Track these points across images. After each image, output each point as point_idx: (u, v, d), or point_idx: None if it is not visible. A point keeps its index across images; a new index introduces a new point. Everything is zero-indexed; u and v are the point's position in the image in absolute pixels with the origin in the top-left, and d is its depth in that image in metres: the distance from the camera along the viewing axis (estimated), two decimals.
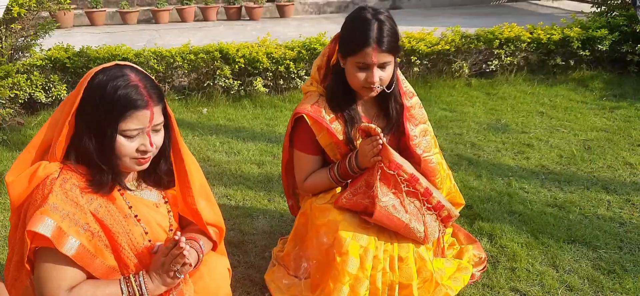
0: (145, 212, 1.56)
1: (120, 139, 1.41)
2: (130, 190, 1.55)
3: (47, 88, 4.15)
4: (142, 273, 1.49)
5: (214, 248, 1.76)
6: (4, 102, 3.77)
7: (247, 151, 3.52)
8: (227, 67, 4.33)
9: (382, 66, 1.79)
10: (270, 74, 4.45)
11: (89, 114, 1.40)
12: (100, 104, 1.38)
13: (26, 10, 3.89)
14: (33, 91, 4.06)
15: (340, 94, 1.93)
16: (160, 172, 1.60)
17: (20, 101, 4.01)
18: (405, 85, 2.02)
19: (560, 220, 2.59)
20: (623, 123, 3.90)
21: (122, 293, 1.45)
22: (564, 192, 2.89)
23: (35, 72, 4.08)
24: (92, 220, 1.42)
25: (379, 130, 1.77)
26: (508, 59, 4.83)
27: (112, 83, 1.38)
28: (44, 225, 1.33)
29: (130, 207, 1.52)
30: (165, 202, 1.65)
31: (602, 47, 4.80)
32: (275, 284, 2.12)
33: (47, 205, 1.35)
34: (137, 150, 1.44)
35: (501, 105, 4.34)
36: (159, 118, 1.46)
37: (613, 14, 5.20)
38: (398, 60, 1.94)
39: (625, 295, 2.08)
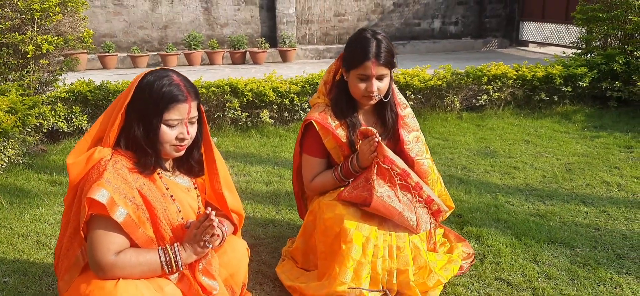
0: (179, 194, 1.85)
1: (163, 128, 1.71)
2: (168, 174, 1.84)
3: (69, 119, 4.48)
4: (177, 244, 1.75)
5: (234, 232, 2.04)
6: (29, 130, 4.08)
7: (256, 173, 3.82)
8: (236, 100, 4.69)
9: (379, 78, 2.13)
10: (276, 106, 4.80)
11: (139, 107, 1.70)
12: (149, 98, 1.69)
13: (54, 47, 4.27)
14: (56, 121, 4.38)
15: (343, 104, 2.25)
16: (193, 160, 1.89)
17: (44, 130, 4.33)
18: (400, 97, 2.35)
19: (541, 226, 2.86)
20: (602, 149, 4.22)
21: (160, 259, 1.72)
22: (545, 205, 3.18)
23: (59, 104, 4.42)
24: (137, 195, 1.70)
25: (375, 130, 2.08)
26: (496, 94, 5.21)
27: (159, 82, 1.70)
28: (100, 194, 1.61)
29: (167, 188, 1.81)
30: (195, 188, 1.94)
31: (582, 83, 5.19)
32: (285, 275, 2.37)
33: (102, 179, 1.64)
34: (177, 138, 1.74)
35: (490, 135, 4.67)
36: (195, 113, 1.77)
37: (593, 54, 5.62)
38: (393, 74, 2.27)
39: (598, 282, 2.33)
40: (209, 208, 1.71)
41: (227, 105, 4.71)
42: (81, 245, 1.75)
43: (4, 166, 3.68)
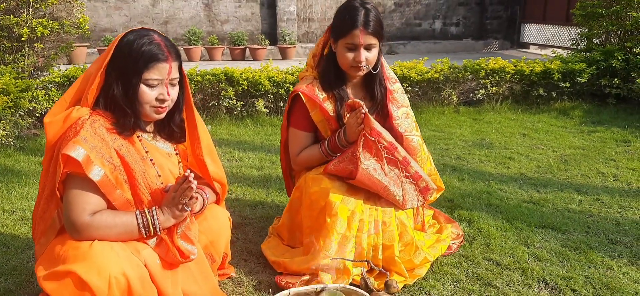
0: (159, 158, 1.81)
1: (142, 87, 1.68)
2: (148, 138, 1.81)
3: None
4: (155, 207, 1.72)
5: (217, 202, 2.00)
6: (22, 113, 4.06)
7: (248, 159, 3.79)
8: (231, 88, 4.66)
9: (368, 48, 2.10)
10: (271, 96, 4.78)
11: (118, 66, 1.67)
12: (128, 57, 1.66)
13: (49, 31, 4.26)
14: (50, 106, 4.36)
15: (331, 76, 2.22)
16: (174, 124, 1.86)
17: (37, 114, 4.31)
18: (389, 72, 2.32)
19: (533, 212, 2.82)
20: (599, 143, 4.17)
21: (137, 221, 1.68)
22: (539, 193, 3.13)
23: (53, 89, 4.40)
24: (115, 155, 1.67)
25: (362, 102, 2.04)
26: (494, 88, 5.17)
27: (139, 41, 1.67)
28: (76, 151, 1.58)
29: (146, 152, 1.77)
30: (177, 154, 1.90)
31: (581, 79, 5.15)
32: (270, 251, 2.33)
33: (78, 137, 1.60)
34: (157, 99, 1.70)
35: (486, 128, 4.64)
36: (176, 74, 1.74)
37: (591, 51, 5.58)
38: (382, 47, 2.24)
39: (589, 264, 2.28)
40: (188, 171, 1.67)
41: (222, 94, 4.68)
42: (57, 207, 1.72)
43: None
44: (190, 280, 1.81)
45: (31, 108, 4.14)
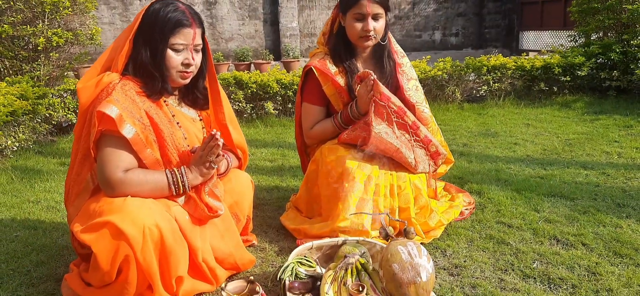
0: (185, 122, 1.92)
1: (169, 52, 1.79)
2: (174, 104, 1.92)
3: (77, 111, 4.59)
4: (183, 167, 1.82)
5: (240, 167, 2.10)
6: (40, 120, 4.19)
7: (260, 153, 3.89)
8: (240, 91, 4.79)
9: (375, 17, 2.21)
10: (280, 97, 4.90)
11: (146, 32, 1.79)
12: (155, 23, 1.78)
13: (64, 41, 4.41)
14: (65, 113, 4.49)
15: (342, 50, 2.34)
16: (198, 91, 1.96)
17: (53, 122, 4.43)
18: (397, 46, 2.44)
19: (541, 184, 2.90)
20: (602, 129, 4.26)
21: (167, 179, 1.78)
22: (545, 170, 3.21)
23: (68, 97, 4.54)
24: (145, 116, 1.77)
25: (370, 71, 2.15)
26: (496, 84, 5.29)
27: (165, 8, 1.79)
28: (110, 109, 1.68)
29: (173, 115, 1.88)
30: (201, 120, 2.01)
31: (581, 72, 5.27)
32: (289, 221, 2.41)
33: (111, 97, 1.71)
34: (182, 64, 1.82)
35: (491, 121, 4.74)
36: (199, 40, 1.85)
37: (590, 46, 5.71)
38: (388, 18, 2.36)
39: (598, 223, 2.35)
40: (214, 130, 1.77)
41: (232, 97, 4.81)
42: (91, 169, 1.82)
43: (14, 149, 3.77)
44: (217, 236, 1.89)
45: (48, 115, 4.27)
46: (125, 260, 1.63)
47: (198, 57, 1.87)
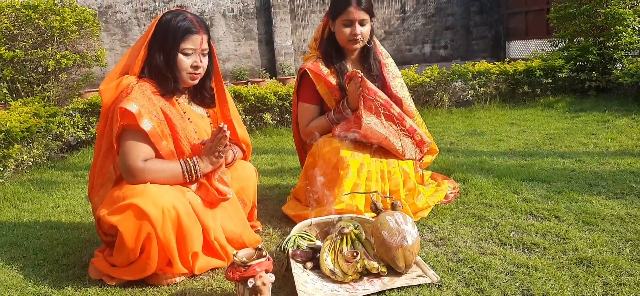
0: (195, 118, 2.17)
1: (180, 56, 2.05)
2: (185, 102, 2.17)
3: (86, 128, 4.84)
4: (195, 157, 2.06)
5: (244, 159, 2.35)
6: (51, 138, 4.43)
7: (261, 159, 4.13)
8: (240, 104, 5.05)
9: (361, 23, 2.49)
10: (277, 108, 5.16)
11: (159, 39, 2.05)
12: (167, 31, 2.04)
13: (72, 63, 4.68)
14: (75, 131, 4.73)
15: (332, 53, 2.61)
16: (205, 90, 2.22)
17: (63, 139, 4.67)
18: (381, 48, 2.71)
19: (521, 171, 3.15)
20: (581, 124, 4.53)
21: (182, 167, 2.02)
22: (526, 160, 3.47)
23: (77, 115, 4.79)
24: (160, 112, 2.02)
25: (358, 71, 2.41)
26: (482, 89, 5.58)
27: (176, 18, 2.06)
28: (131, 106, 1.94)
29: (184, 112, 2.13)
30: (208, 116, 2.26)
31: (561, 74, 5.56)
32: (290, 209, 2.65)
33: (131, 96, 1.97)
34: (192, 66, 2.07)
35: (477, 122, 5.00)
36: (206, 45, 2.11)
37: (569, 50, 6.02)
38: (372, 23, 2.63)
39: (571, 200, 2.60)
40: (222, 123, 2.02)
41: None
42: (113, 161, 2.06)
43: (30, 164, 4.00)
44: (226, 218, 2.13)
45: (59, 132, 4.51)
46: (148, 238, 1.87)
47: (205, 60, 2.13)
